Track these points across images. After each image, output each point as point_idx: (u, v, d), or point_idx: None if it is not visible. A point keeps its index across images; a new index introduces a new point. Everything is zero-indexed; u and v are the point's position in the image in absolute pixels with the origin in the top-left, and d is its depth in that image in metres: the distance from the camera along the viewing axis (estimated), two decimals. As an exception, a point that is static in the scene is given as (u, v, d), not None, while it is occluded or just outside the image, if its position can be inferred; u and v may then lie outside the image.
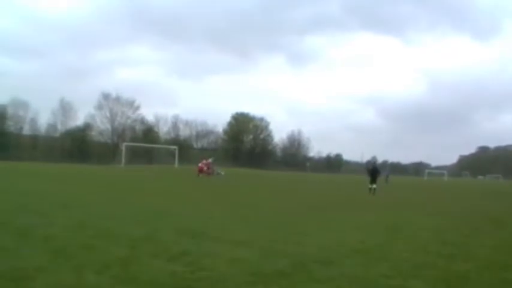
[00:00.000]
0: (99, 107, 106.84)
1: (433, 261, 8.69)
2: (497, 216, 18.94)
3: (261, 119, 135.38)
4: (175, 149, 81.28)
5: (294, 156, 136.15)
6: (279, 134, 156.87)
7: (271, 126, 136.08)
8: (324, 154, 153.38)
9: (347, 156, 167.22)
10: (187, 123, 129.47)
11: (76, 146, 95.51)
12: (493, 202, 29.75)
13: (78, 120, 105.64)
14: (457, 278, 7.39)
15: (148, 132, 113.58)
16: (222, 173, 51.51)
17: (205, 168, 48.97)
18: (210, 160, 52.22)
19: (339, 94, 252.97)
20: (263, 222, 13.26)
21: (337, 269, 7.67)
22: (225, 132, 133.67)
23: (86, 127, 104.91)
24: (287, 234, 11.24)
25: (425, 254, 9.50)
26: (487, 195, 39.03)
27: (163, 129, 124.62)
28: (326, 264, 7.99)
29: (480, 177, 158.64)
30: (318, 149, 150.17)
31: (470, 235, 12.76)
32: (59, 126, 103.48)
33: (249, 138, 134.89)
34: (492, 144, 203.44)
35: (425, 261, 8.64)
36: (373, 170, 32.60)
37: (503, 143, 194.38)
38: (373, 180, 31.75)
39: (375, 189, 30.94)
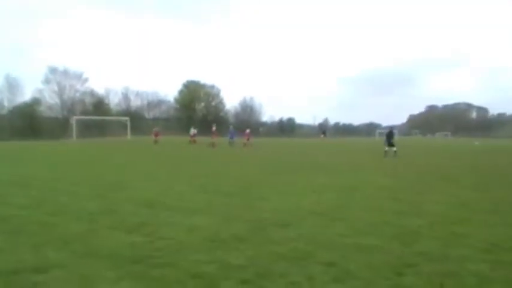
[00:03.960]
0: (47, 81, 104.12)
1: (386, 219, 9.02)
2: (447, 173, 19.57)
3: (212, 86, 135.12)
4: (127, 120, 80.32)
5: (247, 122, 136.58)
6: (231, 101, 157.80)
7: (223, 94, 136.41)
8: (276, 118, 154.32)
9: (299, 119, 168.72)
10: (138, 94, 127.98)
11: (25, 123, 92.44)
12: (443, 159, 30.70)
13: (26, 96, 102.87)
14: (410, 234, 7.72)
15: (99, 105, 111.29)
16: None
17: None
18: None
19: (290, 58, 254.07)
20: (220, 190, 13.36)
21: (295, 230, 7.89)
22: (177, 100, 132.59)
23: (34, 102, 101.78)
24: (244, 200, 11.42)
25: (379, 212, 9.84)
26: (437, 153, 40.17)
27: (114, 101, 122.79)
28: (283, 226, 8.21)
29: (429, 135, 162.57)
30: (270, 113, 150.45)
31: (422, 192, 13.20)
32: (6, 103, 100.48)
33: (200, 105, 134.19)
34: (440, 103, 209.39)
35: (379, 219, 8.97)
36: (389, 134, 33.78)
37: (451, 101, 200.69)
38: (390, 143, 33.03)
39: (395, 151, 32.20)
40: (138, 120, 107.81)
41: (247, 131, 50.07)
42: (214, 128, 48.04)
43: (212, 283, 5.17)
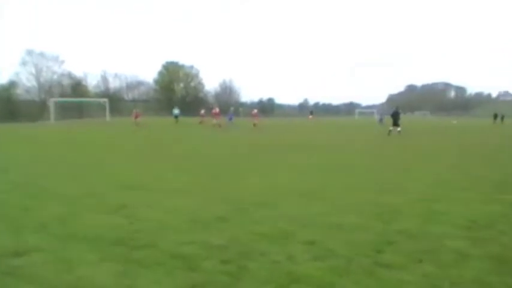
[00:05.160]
0: (24, 64, 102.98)
1: (367, 197, 9.11)
2: (426, 151, 19.77)
3: (191, 67, 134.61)
4: (105, 102, 79.51)
5: (226, 103, 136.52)
6: (212, 82, 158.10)
7: (202, 74, 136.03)
8: (256, 99, 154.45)
9: (279, 100, 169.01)
10: (116, 76, 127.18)
11: (2, 106, 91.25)
12: (422, 138, 30.97)
13: (2, 79, 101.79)
14: (390, 212, 7.79)
15: (77, 87, 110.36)
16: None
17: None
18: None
19: (269, 39, 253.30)
20: (201, 170, 13.35)
21: (276, 210, 7.91)
22: (156, 82, 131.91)
23: (11, 85, 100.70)
24: (225, 180, 11.44)
25: (360, 191, 9.93)
26: (417, 132, 40.44)
27: (92, 83, 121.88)
28: (265, 206, 8.22)
29: (408, 114, 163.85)
30: (250, 94, 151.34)
31: (402, 171, 13.34)
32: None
33: (180, 86, 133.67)
34: (419, 82, 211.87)
35: (359, 198, 9.06)
36: (395, 114, 34.02)
37: (430, 81, 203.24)
38: (396, 123, 33.62)
39: (399, 131, 33.01)
40: (117, 101, 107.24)
41: (255, 111, 50.46)
42: (217, 110, 47.84)
43: (192, 263, 5.16)
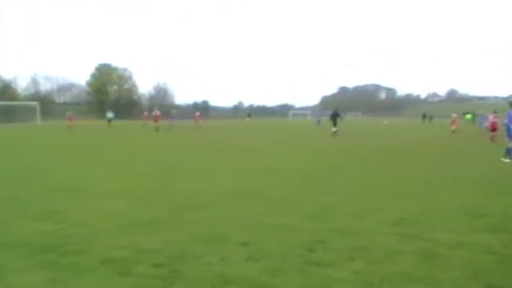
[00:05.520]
0: None
1: (301, 197, 9.32)
2: (360, 152, 20.29)
3: (125, 69, 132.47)
4: (36, 105, 77.17)
5: (161, 105, 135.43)
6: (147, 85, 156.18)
7: (135, 77, 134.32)
8: (190, 101, 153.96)
9: (214, 102, 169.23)
10: (47, 78, 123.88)
11: None
12: (356, 139, 31.69)
13: None
14: (323, 211, 7.99)
15: (6, 90, 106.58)
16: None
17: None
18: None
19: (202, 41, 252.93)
20: (138, 172, 13.25)
21: (212, 212, 7.96)
22: (89, 84, 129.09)
23: None
24: (162, 182, 11.39)
25: (295, 191, 10.14)
26: (351, 132, 41.29)
27: (22, 86, 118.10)
28: (200, 208, 8.26)
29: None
30: (184, 97, 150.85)
31: (337, 171, 13.64)
32: None
33: (113, 89, 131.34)
34: (351, 84, 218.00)
35: (294, 198, 9.24)
36: (334, 114, 34.22)
37: (362, 83, 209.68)
38: (334, 123, 33.68)
39: (336, 131, 33.07)
40: (48, 105, 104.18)
41: (197, 113, 51.01)
42: (158, 112, 47.60)
43: (123, 268, 5.09)
